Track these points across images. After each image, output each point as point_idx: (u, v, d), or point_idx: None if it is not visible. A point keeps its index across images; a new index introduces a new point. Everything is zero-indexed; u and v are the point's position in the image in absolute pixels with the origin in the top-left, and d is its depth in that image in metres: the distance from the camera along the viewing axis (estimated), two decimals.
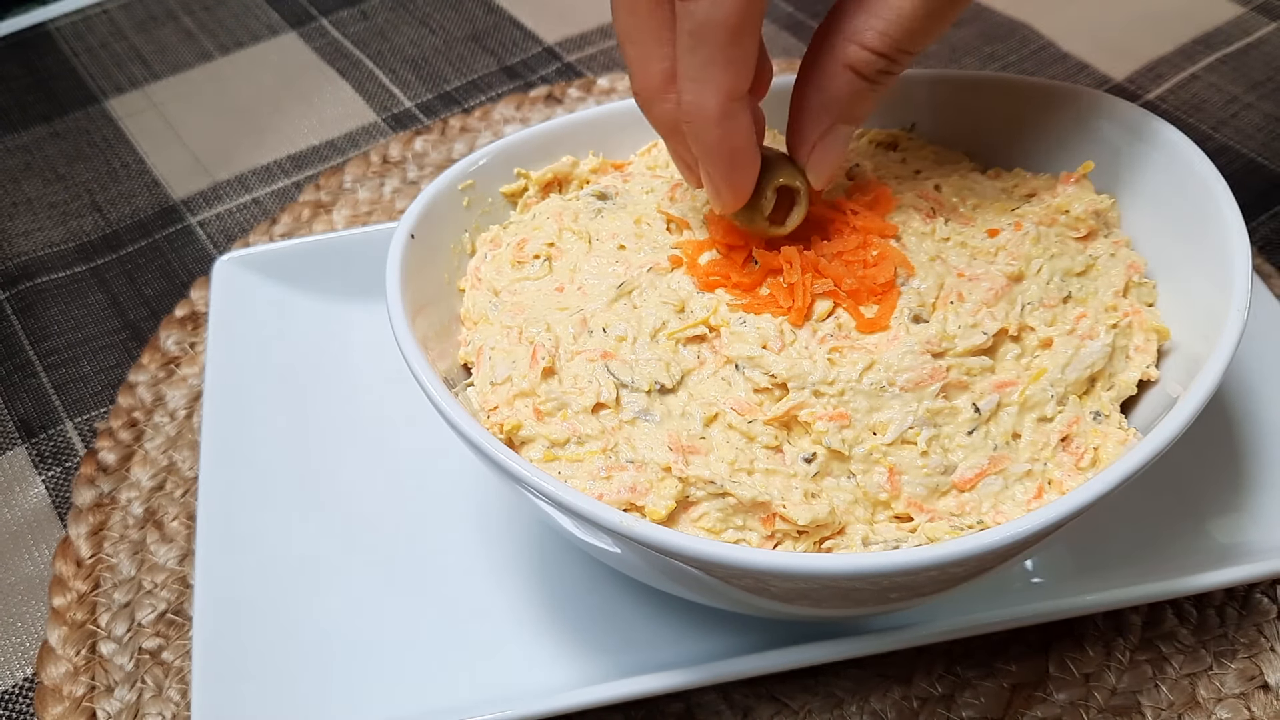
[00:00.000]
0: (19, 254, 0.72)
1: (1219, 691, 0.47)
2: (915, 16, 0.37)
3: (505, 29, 0.87)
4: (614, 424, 0.41)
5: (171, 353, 0.64)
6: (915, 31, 0.38)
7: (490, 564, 0.50)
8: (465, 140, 0.76)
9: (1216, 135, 0.72)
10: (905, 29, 0.38)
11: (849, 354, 0.41)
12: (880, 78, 0.39)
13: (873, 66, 0.39)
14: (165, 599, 0.52)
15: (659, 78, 0.40)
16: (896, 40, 0.38)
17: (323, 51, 0.86)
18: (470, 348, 0.46)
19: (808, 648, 0.43)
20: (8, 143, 0.80)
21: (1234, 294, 0.40)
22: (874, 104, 0.41)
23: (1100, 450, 0.41)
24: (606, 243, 0.47)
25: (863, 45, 0.38)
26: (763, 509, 0.39)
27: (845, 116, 0.40)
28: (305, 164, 0.77)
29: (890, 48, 0.38)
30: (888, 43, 0.38)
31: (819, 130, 0.41)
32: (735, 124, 0.38)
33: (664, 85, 0.40)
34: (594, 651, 0.47)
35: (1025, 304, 0.42)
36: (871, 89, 0.39)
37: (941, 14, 0.38)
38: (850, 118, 0.41)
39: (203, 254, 0.71)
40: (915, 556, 0.34)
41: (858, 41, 0.38)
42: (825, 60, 0.39)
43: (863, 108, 0.40)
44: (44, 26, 0.90)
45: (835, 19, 0.39)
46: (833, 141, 0.41)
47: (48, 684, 0.50)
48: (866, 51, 0.38)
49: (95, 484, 0.58)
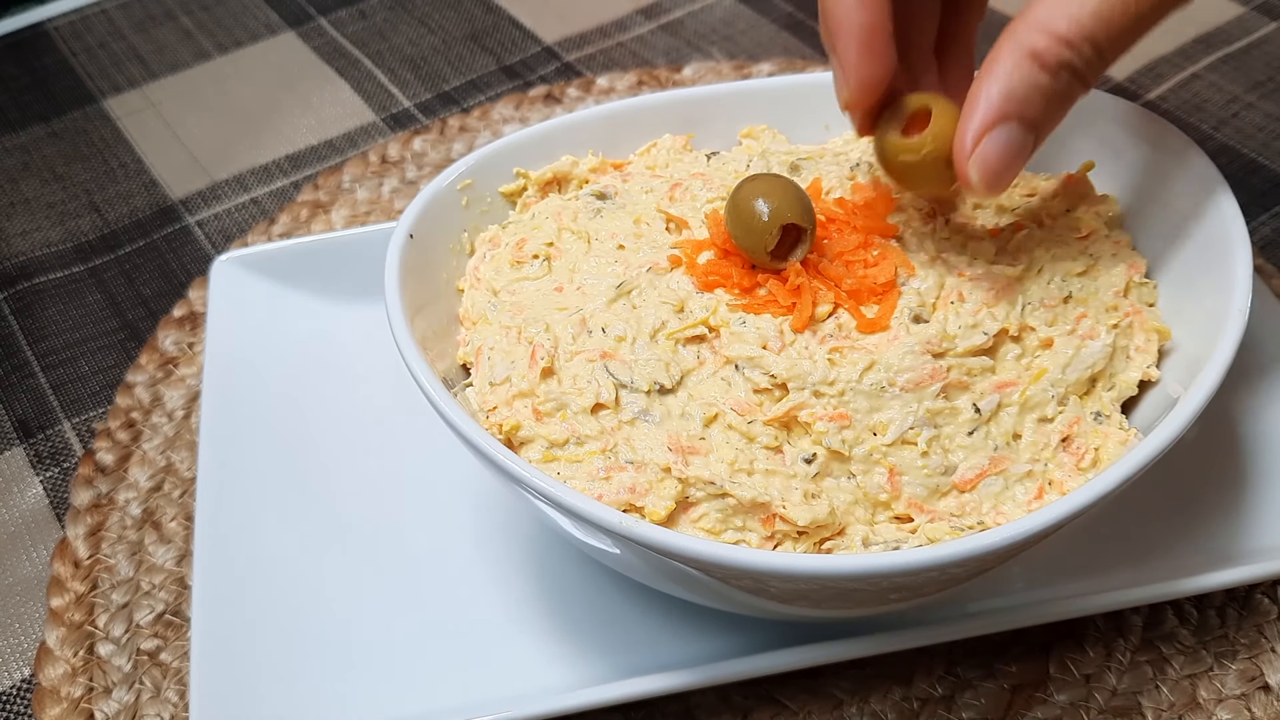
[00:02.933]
0: (17, 254, 0.71)
1: (1219, 692, 0.47)
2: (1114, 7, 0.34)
3: (504, 28, 0.87)
4: (613, 424, 0.41)
5: (169, 353, 0.64)
6: (1112, 26, 0.34)
7: (490, 564, 0.50)
8: (464, 140, 0.76)
9: (1217, 135, 0.72)
10: (1101, 20, 0.34)
11: (849, 354, 0.40)
12: (1063, 73, 0.35)
13: (1057, 56, 0.35)
14: (163, 600, 0.52)
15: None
16: (1089, 30, 0.34)
17: (321, 51, 0.86)
18: (469, 348, 0.46)
19: (807, 649, 0.43)
20: (5, 143, 0.80)
21: (1234, 294, 0.40)
22: (1056, 109, 0.37)
23: (1101, 450, 0.41)
24: (606, 242, 0.47)
25: (1050, 32, 0.35)
26: (762, 510, 0.39)
27: (1018, 113, 0.36)
28: (304, 164, 0.77)
29: (1079, 36, 0.34)
30: (1078, 30, 0.34)
31: (985, 123, 0.36)
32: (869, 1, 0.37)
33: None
34: (594, 652, 0.47)
35: (1026, 304, 0.42)
36: (1053, 84, 0.35)
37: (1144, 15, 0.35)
38: (1024, 116, 0.36)
39: (201, 254, 0.71)
40: (915, 557, 0.34)
41: (1045, 28, 0.35)
42: (1007, 47, 0.36)
43: (1041, 107, 0.36)
44: (42, 26, 0.90)
45: (1027, 8, 0.36)
46: (1000, 141, 0.36)
47: (46, 685, 0.50)
48: (1052, 39, 0.35)
49: (93, 484, 0.57)
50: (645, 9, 0.87)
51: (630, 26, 0.86)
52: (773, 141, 0.53)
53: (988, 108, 0.36)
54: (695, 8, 0.87)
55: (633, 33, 0.85)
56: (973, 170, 0.37)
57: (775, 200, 0.41)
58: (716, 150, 0.52)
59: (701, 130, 0.53)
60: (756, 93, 0.54)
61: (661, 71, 0.80)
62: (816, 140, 0.53)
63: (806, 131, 0.53)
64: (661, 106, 0.53)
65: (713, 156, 0.52)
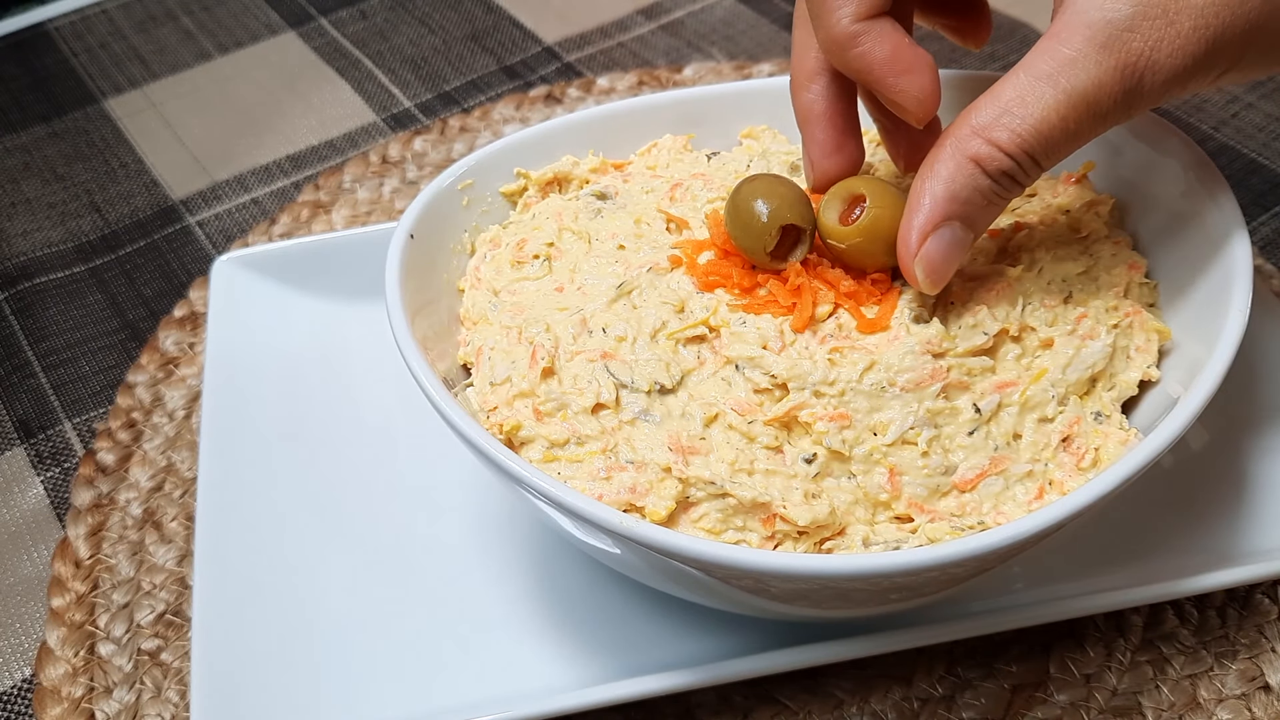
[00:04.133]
0: (18, 254, 0.71)
1: (1220, 692, 0.47)
2: (1052, 125, 0.35)
3: (505, 29, 0.87)
4: (614, 424, 0.41)
5: (170, 353, 0.64)
6: (1051, 143, 0.36)
7: (490, 564, 0.50)
8: (465, 140, 0.76)
9: (1217, 135, 0.72)
10: (1040, 136, 0.36)
11: (849, 354, 0.40)
12: (1003, 179, 0.37)
13: (998, 164, 0.36)
14: (164, 600, 0.52)
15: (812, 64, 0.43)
16: (1028, 145, 0.36)
17: (322, 51, 0.86)
18: (470, 348, 0.46)
19: (808, 648, 0.43)
20: (6, 143, 0.80)
21: (1234, 294, 0.40)
22: (994, 209, 0.38)
23: (1101, 450, 0.41)
24: (606, 243, 0.47)
25: (991, 141, 0.36)
26: (763, 509, 0.39)
27: (960, 214, 0.38)
28: (304, 164, 0.77)
29: (1019, 149, 0.36)
30: (1018, 144, 0.36)
31: (929, 223, 0.38)
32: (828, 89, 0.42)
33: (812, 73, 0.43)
34: (594, 652, 0.47)
35: (1026, 304, 0.42)
36: (993, 188, 0.37)
37: (1079, 134, 0.36)
38: (965, 217, 0.38)
39: (201, 254, 0.71)
40: (916, 557, 0.34)
41: (987, 136, 0.36)
42: (949, 149, 0.37)
43: (980, 209, 0.38)
44: (43, 26, 0.90)
45: (969, 111, 0.37)
46: (943, 241, 0.38)
47: (46, 685, 0.50)
48: (993, 148, 0.36)
49: (94, 485, 0.57)
50: (646, 9, 0.87)
51: (631, 27, 0.86)
52: (773, 142, 0.53)
53: (932, 208, 0.38)
54: (695, 8, 0.87)
55: (633, 33, 0.85)
56: (918, 269, 0.39)
57: (775, 200, 0.41)
58: (717, 150, 0.52)
59: (702, 130, 0.53)
60: (757, 93, 0.54)
61: (662, 72, 0.80)
62: None
63: None
64: (662, 106, 0.53)
65: (713, 157, 0.52)
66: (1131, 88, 0.35)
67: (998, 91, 0.36)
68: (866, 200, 0.41)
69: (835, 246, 0.42)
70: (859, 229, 0.41)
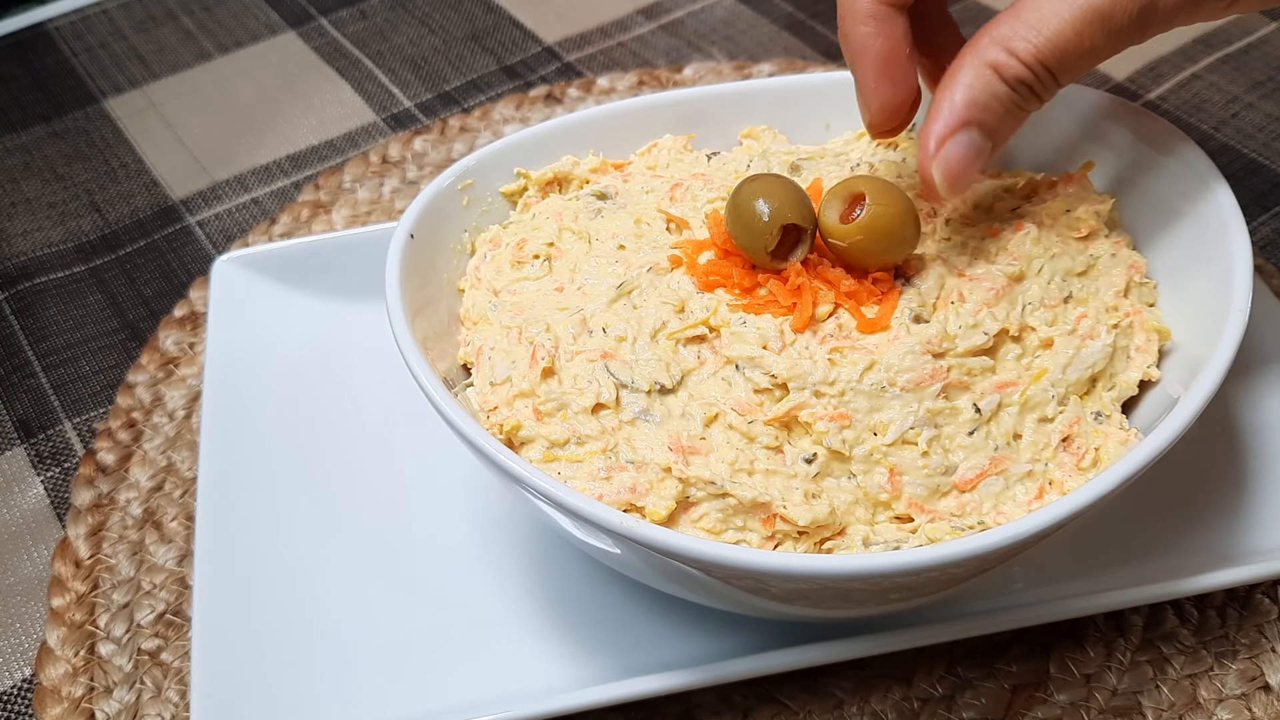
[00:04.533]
0: (18, 254, 0.71)
1: (1220, 692, 0.47)
2: (1068, 39, 0.37)
3: (505, 29, 0.87)
4: (614, 424, 0.41)
5: (170, 353, 0.64)
6: (1066, 56, 0.37)
7: (490, 564, 0.50)
8: (465, 140, 0.76)
9: (1217, 135, 0.72)
10: (1056, 49, 0.37)
11: (849, 354, 0.40)
12: (1020, 88, 0.38)
13: (1013, 71, 0.37)
14: (164, 600, 0.52)
15: None
16: (1044, 55, 0.37)
17: (322, 51, 0.86)
18: (470, 348, 0.46)
19: (808, 648, 0.43)
20: (7, 143, 0.80)
21: (1234, 294, 0.40)
22: (1012, 118, 0.39)
23: (1101, 450, 0.41)
24: (606, 242, 0.47)
25: (1009, 50, 0.37)
26: (763, 509, 0.39)
27: (979, 120, 0.38)
28: (304, 164, 0.77)
29: (1035, 59, 0.37)
30: (1034, 54, 0.37)
31: (948, 128, 0.38)
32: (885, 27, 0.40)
33: None
34: (594, 652, 0.47)
35: (1026, 304, 0.42)
36: (1011, 95, 0.38)
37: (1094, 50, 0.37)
38: (983, 123, 0.39)
39: (202, 254, 0.71)
40: (916, 557, 0.34)
41: (1005, 46, 0.37)
42: (969, 58, 0.38)
43: (999, 114, 0.38)
44: (43, 26, 0.90)
45: (990, 25, 0.38)
46: (961, 145, 0.39)
47: (46, 685, 0.50)
48: (1011, 56, 0.37)
49: (94, 484, 0.57)
50: (646, 9, 0.87)
51: (631, 26, 0.86)
52: (773, 141, 0.53)
53: (950, 113, 0.38)
54: (696, 8, 0.87)
55: (633, 33, 0.85)
56: (935, 172, 0.39)
57: (775, 200, 0.41)
58: (717, 150, 0.52)
59: (702, 130, 0.53)
60: (757, 93, 0.54)
61: (662, 71, 0.80)
62: (817, 140, 0.53)
63: (807, 131, 0.54)
64: (662, 106, 0.53)
65: (713, 156, 0.52)
66: (1146, 4, 0.36)
67: (1018, 8, 0.38)
68: (867, 198, 0.41)
69: (836, 245, 0.42)
70: (859, 227, 0.41)
